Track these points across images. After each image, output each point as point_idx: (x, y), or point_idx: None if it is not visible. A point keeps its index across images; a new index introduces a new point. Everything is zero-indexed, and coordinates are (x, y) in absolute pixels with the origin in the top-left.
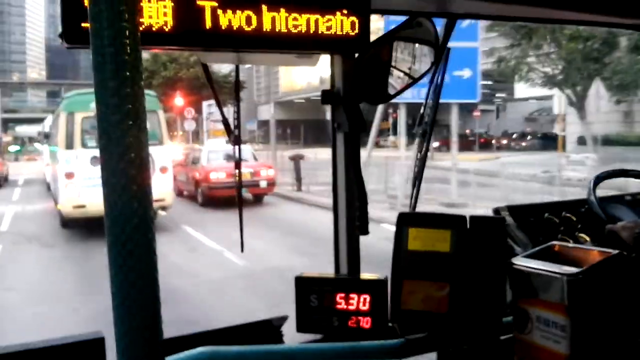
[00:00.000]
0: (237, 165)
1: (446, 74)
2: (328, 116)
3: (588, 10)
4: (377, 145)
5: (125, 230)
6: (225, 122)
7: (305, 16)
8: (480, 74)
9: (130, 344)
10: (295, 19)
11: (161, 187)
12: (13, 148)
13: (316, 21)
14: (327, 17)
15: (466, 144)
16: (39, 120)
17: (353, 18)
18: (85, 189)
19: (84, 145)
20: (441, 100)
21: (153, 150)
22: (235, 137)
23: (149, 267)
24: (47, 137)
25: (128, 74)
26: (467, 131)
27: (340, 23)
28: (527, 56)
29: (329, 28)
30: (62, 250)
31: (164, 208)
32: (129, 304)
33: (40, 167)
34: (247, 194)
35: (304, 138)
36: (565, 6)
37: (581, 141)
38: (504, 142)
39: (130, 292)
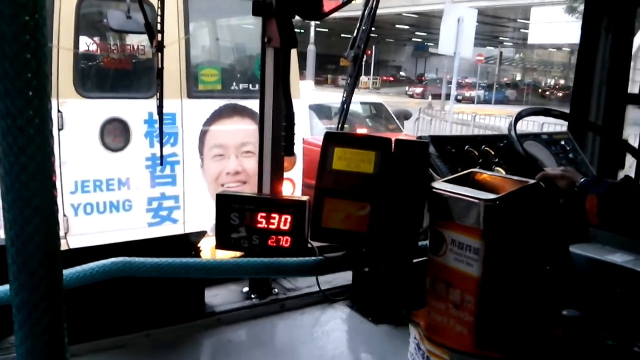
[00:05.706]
0: (159, 73)
1: None
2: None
3: None
4: (335, 84)
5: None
6: (148, 26)
7: None
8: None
9: (22, 250)
10: None
11: None
12: None
13: None
14: None
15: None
16: None
17: None
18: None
19: (82, 85)
20: None
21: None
22: (158, 42)
23: (44, 162)
24: None
25: None
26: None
27: None
28: None
29: None
30: None
31: None
32: (20, 205)
33: None
34: None
35: None
36: None
37: None
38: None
39: (22, 192)
